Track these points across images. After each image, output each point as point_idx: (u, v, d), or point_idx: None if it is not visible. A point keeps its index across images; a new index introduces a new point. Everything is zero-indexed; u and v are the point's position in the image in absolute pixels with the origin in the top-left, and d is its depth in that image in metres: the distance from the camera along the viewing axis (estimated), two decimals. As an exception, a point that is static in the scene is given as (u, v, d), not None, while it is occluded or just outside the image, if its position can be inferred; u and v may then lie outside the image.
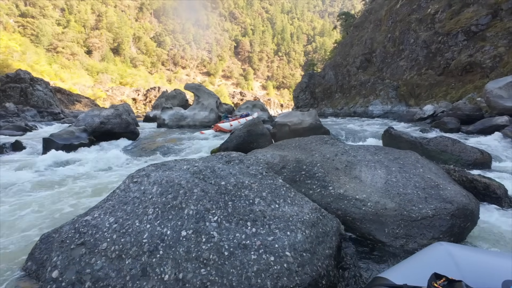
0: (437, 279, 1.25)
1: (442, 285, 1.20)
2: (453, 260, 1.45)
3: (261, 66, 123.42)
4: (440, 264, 1.43)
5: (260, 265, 1.71)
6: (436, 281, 1.23)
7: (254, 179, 2.34)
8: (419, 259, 1.60)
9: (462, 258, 1.46)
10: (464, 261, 1.44)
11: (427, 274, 1.29)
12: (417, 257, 1.64)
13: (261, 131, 7.64)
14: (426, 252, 1.64)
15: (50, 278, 1.91)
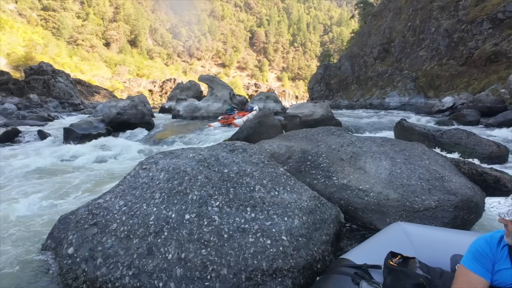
0: (393, 257, 1.33)
1: (397, 262, 1.27)
2: (409, 239, 1.52)
3: (276, 57, 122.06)
4: (397, 243, 1.50)
5: (257, 247, 1.81)
6: (392, 259, 1.30)
7: (256, 167, 2.43)
8: (378, 239, 1.68)
9: (417, 237, 1.52)
10: (419, 239, 1.51)
11: (385, 253, 1.36)
12: (377, 237, 1.72)
13: (272, 122, 7.68)
14: (385, 232, 1.72)
15: (66, 254, 2.09)
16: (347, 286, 1.32)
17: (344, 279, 1.38)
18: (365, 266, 1.39)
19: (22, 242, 2.78)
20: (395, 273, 1.26)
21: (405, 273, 1.25)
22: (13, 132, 9.00)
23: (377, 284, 1.30)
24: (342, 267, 1.45)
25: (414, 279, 1.23)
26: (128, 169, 5.62)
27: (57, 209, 3.65)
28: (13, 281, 2.15)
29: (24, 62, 39.29)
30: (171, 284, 1.77)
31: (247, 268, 1.73)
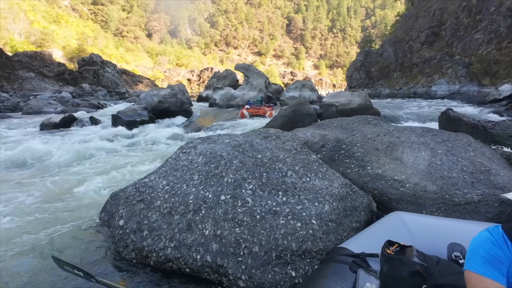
0: (390, 245, 1.33)
1: (395, 251, 1.27)
2: (406, 228, 1.51)
3: (314, 44, 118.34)
4: (394, 232, 1.49)
5: (287, 229, 1.90)
6: (389, 248, 1.30)
7: (288, 154, 2.49)
8: (376, 228, 1.67)
9: (415, 226, 1.50)
10: (416, 228, 1.49)
11: (383, 242, 1.36)
12: (375, 226, 1.71)
13: (307, 111, 7.61)
14: (383, 222, 1.71)
15: (117, 226, 2.36)
16: (345, 274, 1.34)
17: (342, 267, 1.41)
18: (362, 255, 1.41)
19: (80, 214, 3.17)
20: (391, 261, 1.27)
21: (401, 261, 1.26)
22: (70, 118, 9.97)
23: (374, 272, 1.32)
24: (340, 256, 1.48)
25: (410, 267, 1.24)
26: (168, 152, 6.02)
27: (108, 187, 4.07)
28: (75, 247, 2.49)
29: (77, 54, 42.73)
30: (207, 257, 1.94)
31: (278, 247, 1.83)
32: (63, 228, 2.83)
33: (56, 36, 49.24)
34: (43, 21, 52.55)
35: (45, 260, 2.28)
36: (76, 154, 6.05)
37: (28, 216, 3.13)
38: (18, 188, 4.01)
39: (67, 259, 2.28)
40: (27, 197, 3.65)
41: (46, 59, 28.03)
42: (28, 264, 2.24)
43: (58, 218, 3.10)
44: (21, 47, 36.98)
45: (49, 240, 2.59)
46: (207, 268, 1.93)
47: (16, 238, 2.62)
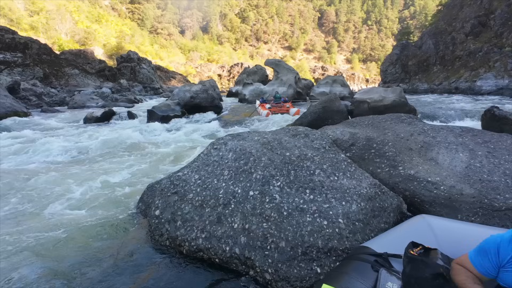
0: (414, 247, 1.30)
1: (418, 252, 1.25)
2: (432, 231, 1.46)
3: (347, 37, 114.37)
4: (419, 234, 1.45)
5: (313, 226, 1.93)
6: (413, 249, 1.28)
7: (316, 152, 2.51)
8: (401, 229, 1.64)
9: (441, 229, 1.44)
10: (443, 232, 1.43)
11: (406, 244, 1.34)
12: (399, 228, 1.68)
13: (338, 108, 7.46)
14: (408, 224, 1.67)
15: (154, 215, 2.54)
16: (366, 272, 1.34)
17: (363, 266, 1.40)
18: (385, 255, 1.40)
19: (119, 203, 3.44)
20: (415, 262, 1.26)
21: (425, 263, 1.24)
22: (110, 113, 10.66)
23: (396, 272, 1.31)
24: (362, 254, 1.48)
25: (433, 269, 1.22)
26: (199, 147, 6.26)
27: (144, 178, 4.34)
28: (115, 233, 2.72)
29: (116, 51, 45.17)
30: (236, 249, 2.03)
31: (304, 244, 1.88)
32: (104, 215, 3.09)
33: (97, 34, 52.45)
34: (86, 21, 56.15)
35: (86, 245, 2.52)
36: (115, 147, 6.50)
37: (72, 203, 3.45)
38: (64, 177, 4.41)
39: (107, 246, 2.51)
40: (72, 185, 4.01)
41: (89, 57, 30.01)
42: (72, 249, 2.49)
43: (99, 206, 3.38)
44: (67, 45, 39.88)
45: (91, 225, 2.85)
46: (235, 260, 2.03)
47: (61, 224, 2.91)
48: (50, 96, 17.27)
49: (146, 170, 4.72)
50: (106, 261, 2.26)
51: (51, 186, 4.02)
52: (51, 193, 3.75)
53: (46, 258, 2.29)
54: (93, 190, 3.90)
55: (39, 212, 3.21)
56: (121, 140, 6.96)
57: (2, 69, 18.06)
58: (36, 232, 2.70)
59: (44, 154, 5.87)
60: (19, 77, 18.06)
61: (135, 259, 2.29)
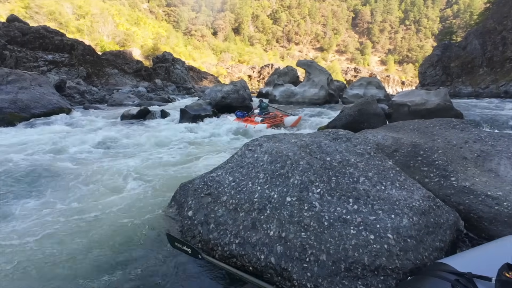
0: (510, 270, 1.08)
1: None
2: None
3: (382, 38, 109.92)
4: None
5: (358, 240, 1.76)
6: (508, 272, 1.06)
7: (360, 158, 2.31)
8: (488, 249, 1.41)
9: None
10: None
11: (495, 265, 1.12)
12: (486, 247, 1.45)
13: (375, 111, 7.09)
14: (497, 243, 1.43)
15: (187, 216, 2.49)
16: None
17: (442, 284, 1.26)
18: (469, 275, 1.21)
19: (152, 200, 3.46)
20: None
21: None
22: (145, 111, 11.04)
23: None
24: (440, 272, 1.31)
25: None
26: (230, 147, 6.23)
27: (175, 176, 4.36)
28: (147, 231, 2.70)
29: (152, 52, 47.17)
30: (271, 258, 1.91)
31: (347, 259, 1.71)
32: (137, 212, 3.11)
33: (135, 36, 55.14)
34: (126, 24, 59.29)
35: (117, 243, 2.53)
36: (148, 144, 6.67)
37: (104, 198, 3.52)
38: (98, 171, 4.56)
39: (140, 242, 2.50)
40: (105, 180, 4.12)
41: (127, 57, 31.56)
42: (102, 246, 2.51)
43: (132, 202, 3.42)
44: (108, 47, 42.33)
45: (122, 222, 2.87)
46: (271, 270, 1.91)
47: (92, 219, 2.97)
48: (91, 94, 18.35)
49: (177, 168, 4.76)
50: (136, 260, 2.24)
51: (88, 179, 4.17)
52: (86, 186, 3.88)
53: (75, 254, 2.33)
54: (126, 185, 3.98)
55: (72, 205, 3.31)
56: (154, 137, 7.13)
57: (51, 69, 19.52)
58: (67, 226, 2.77)
59: (83, 148, 6.16)
60: (65, 76, 19.41)
61: (166, 260, 2.25)
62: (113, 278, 2.04)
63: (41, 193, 3.64)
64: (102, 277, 2.05)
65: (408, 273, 1.65)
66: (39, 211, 3.16)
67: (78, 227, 2.77)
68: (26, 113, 9.64)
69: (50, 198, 3.51)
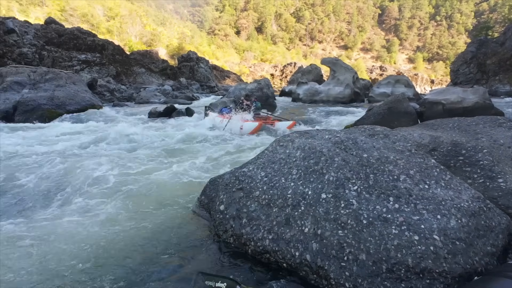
0: None
1: None
2: None
3: (410, 35, 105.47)
4: None
5: (401, 240, 1.67)
6: None
7: (400, 156, 2.20)
8: None
9: None
10: None
11: None
12: None
13: (405, 109, 6.80)
14: None
15: (218, 210, 2.50)
16: None
17: None
18: None
19: (182, 195, 3.51)
20: None
21: None
22: (171, 109, 11.30)
23: None
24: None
25: None
26: (254, 144, 6.23)
27: (203, 172, 4.41)
28: (177, 226, 2.74)
29: (177, 52, 48.26)
30: (306, 255, 1.86)
31: (389, 259, 1.63)
32: (167, 207, 3.16)
33: (161, 36, 56.70)
34: (153, 24, 61.16)
35: (148, 236, 2.58)
36: (175, 140, 6.82)
37: (133, 193, 3.61)
38: (128, 166, 4.70)
39: (170, 237, 2.52)
40: (135, 174, 4.24)
41: (154, 57, 32.51)
42: (133, 239, 2.57)
43: (162, 197, 3.48)
44: (136, 47, 43.85)
45: (153, 215, 2.92)
46: (306, 267, 1.86)
47: (122, 213, 3.05)
48: (120, 92, 19.08)
49: (204, 164, 4.81)
50: (168, 253, 2.27)
51: (118, 172, 4.31)
52: (116, 178, 4.01)
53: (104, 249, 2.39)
54: (154, 179, 4.07)
55: (102, 199, 3.42)
56: (180, 133, 7.28)
57: (84, 68, 20.51)
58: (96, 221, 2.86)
59: (113, 143, 6.40)
60: (96, 74, 20.32)
61: (198, 253, 2.27)
62: (144, 272, 2.09)
63: (75, 184, 3.81)
64: (132, 270, 2.10)
65: (457, 277, 1.54)
66: (71, 202, 3.30)
67: (109, 219, 2.86)
68: (61, 109, 10.18)
69: (83, 189, 3.66)
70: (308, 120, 9.75)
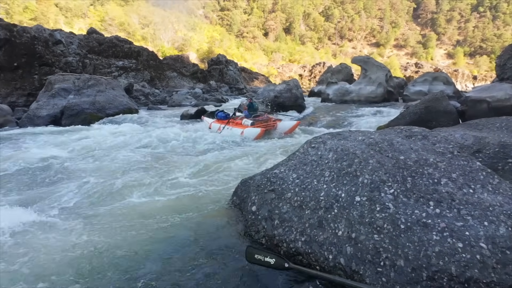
0: None
1: None
2: None
3: (449, 28, 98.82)
4: None
5: (443, 247, 1.58)
6: None
7: (441, 158, 2.09)
8: None
9: None
10: None
11: None
12: None
13: (445, 108, 6.41)
14: None
15: (250, 211, 2.54)
16: None
17: None
18: None
19: (213, 195, 3.60)
20: None
21: None
22: (202, 111, 11.62)
23: None
24: None
25: None
26: (281, 145, 6.22)
27: (233, 173, 4.49)
28: (210, 224, 2.81)
29: (207, 55, 49.54)
30: (340, 259, 1.83)
31: (430, 267, 1.55)
32: (199, 206, 3.26)
33: (192, 41, 58.55)
34: (184, 29, 63.31)
35: (181, 235, 2.67)
36: (206, 141, 7.01)
37: (167, 192, 3.76)
38: (162, 166, 4.91)
39: (203, 235, 2.59)
40: (169, 174, 4.42)
41: (185, 61, 33.62)
42: (166, 238, 2.67)
43: (195, 195, 3.60)
44: (168, 52, 45.68)
45: (186, 215, 3.02)
46: (340, 271, 1.83)
47: (155, 212, 3.18)
48: (154, 96, 19.96)
49: (234, 165, 4.89)
50: (200, 253, 2.33)
51: (153, 171, 4.52)
52: (152, 178, 4.21)
53: (138, 247, 2.52)
54: (187, 178, 4.21)
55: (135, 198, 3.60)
56: (211, 135, 7.46)
57: (121, 73, 21.76)
58: (130, 220, 3.00)
59: (149, 144, 6.72)
60: (132, 79, 21.45)
61: (230, 253, 2.31)
62: (182, 271, 2.17)
63: (115, 183, 4.05)
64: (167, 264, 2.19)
65: (507, 289, 1.43)
66: (112, 200, 3.52)
67: (145, 216, 3.01)
68: (102, 113, 10.89)
69: (119, 187, 3.89)
70: (338, 121, 9.53)
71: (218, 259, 2.22)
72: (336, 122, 9.33)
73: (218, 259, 2.23)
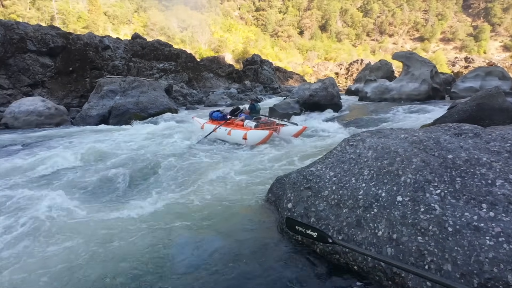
0: None
1: None
2: None
3: (507, 18, 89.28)
4: None
5: (498, 253, 1.46)
6: None
7: (496, 157, 1.92)
8: None
9: None
10: None
11: None
12: None
13: (500, 105, 5.84)
14: None
15: (286, 208, 2.54)
16: None
17: None
18: None
19: (249, 192, 3.65)
20: None
21: None
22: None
23: None
24: None
25: None
26: (317, 144, 6.11)
27: (267, 170, 4.51)
28: (245, 221, 2.86)
29: (242, 56, 50.23)
30: (380, 260, 1.77)
31: (482, 273, 1.44)
32: (236, 202, 3.32)
33: (228, 42, 59.76)
34: (220, 31, 64.89)
35: (218, 232, 2.75)
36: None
37: (203, 188, 3.87)
38: (200, 163, 5.08)
39: (239, 231, 2.65)
40: (207, 171, 4.55)
41: (221, 62, 34.43)
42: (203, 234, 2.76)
43: (232, 192, 3.68)
44: (205, 53, 47.13)
45: (223, 212, 3.09)
46: (379, 272, 1.77)
47: (191, 208, 3.28)
48: (192, 96, 20.74)
49: (267, 163, 4.92)
50: (237, 248, 2.37)
51: (193, 168, 4.70)
52: (192, 175, 4.38)
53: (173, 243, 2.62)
54: (224, 176, 4.31)
55: (182, 193, 3.77)
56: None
57: (162, 75, 22.91)
58: (165, 217, 3.11)
59: (190, 142, 7.00)
60: (172, 81, 22.47)
61: (267, 249, 2.34)
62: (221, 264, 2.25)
63: (158, 179, 4.29)
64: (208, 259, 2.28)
65: None
66: (154, 197, 3.73)
67: (185, 213, 3.14)
68: (144, 113, 11.57)
69: (163, 184, 4.10)
70: (377, 119, 9.12)
71: (256, 255, 2.25)
72: (375, 120, 8.94)
73: (257, 255, 2.26)
